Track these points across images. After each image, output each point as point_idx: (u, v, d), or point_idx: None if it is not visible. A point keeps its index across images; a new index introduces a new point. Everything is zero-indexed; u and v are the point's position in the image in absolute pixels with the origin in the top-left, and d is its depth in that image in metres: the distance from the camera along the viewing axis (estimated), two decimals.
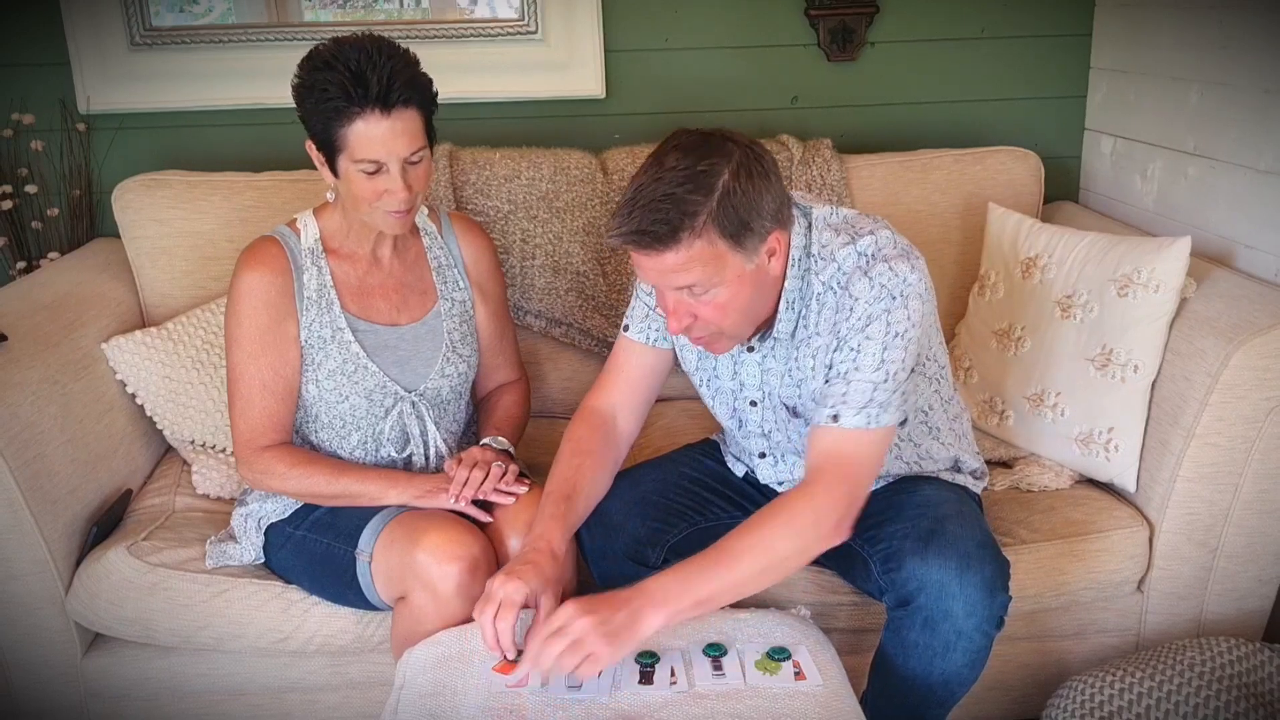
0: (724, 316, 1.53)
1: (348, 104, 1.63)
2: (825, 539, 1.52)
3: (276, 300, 1.78)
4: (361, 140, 1.64)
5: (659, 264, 1.48)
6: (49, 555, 1.84)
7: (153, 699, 1.94)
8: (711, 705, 1.44)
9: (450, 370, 1.88)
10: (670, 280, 1.50)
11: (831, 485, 1.53)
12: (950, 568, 1.54)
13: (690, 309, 1.53)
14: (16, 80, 2.48)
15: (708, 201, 1.44)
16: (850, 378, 1.55)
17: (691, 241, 1.45)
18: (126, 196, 2.28)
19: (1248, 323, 1.85)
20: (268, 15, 2.50)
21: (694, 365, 1.78)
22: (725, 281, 1.50)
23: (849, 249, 1.58)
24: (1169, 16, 2.32)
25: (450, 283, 1.93)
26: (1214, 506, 1.91)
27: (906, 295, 1.54)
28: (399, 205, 1.69)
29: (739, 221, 1.46)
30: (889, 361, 1.54)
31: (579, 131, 2.56)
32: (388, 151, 1.65)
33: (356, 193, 1.70)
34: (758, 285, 1.55)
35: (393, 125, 1.64)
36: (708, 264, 1.47)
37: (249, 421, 1.79)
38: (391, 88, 1.62)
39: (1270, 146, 2.05)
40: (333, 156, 1.69)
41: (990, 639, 1.59)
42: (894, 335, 1.54)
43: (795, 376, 1.66)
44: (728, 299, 1.52)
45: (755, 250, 1.50)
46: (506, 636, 1.49)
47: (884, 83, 2.63)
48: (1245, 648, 1.83)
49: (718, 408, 1.80)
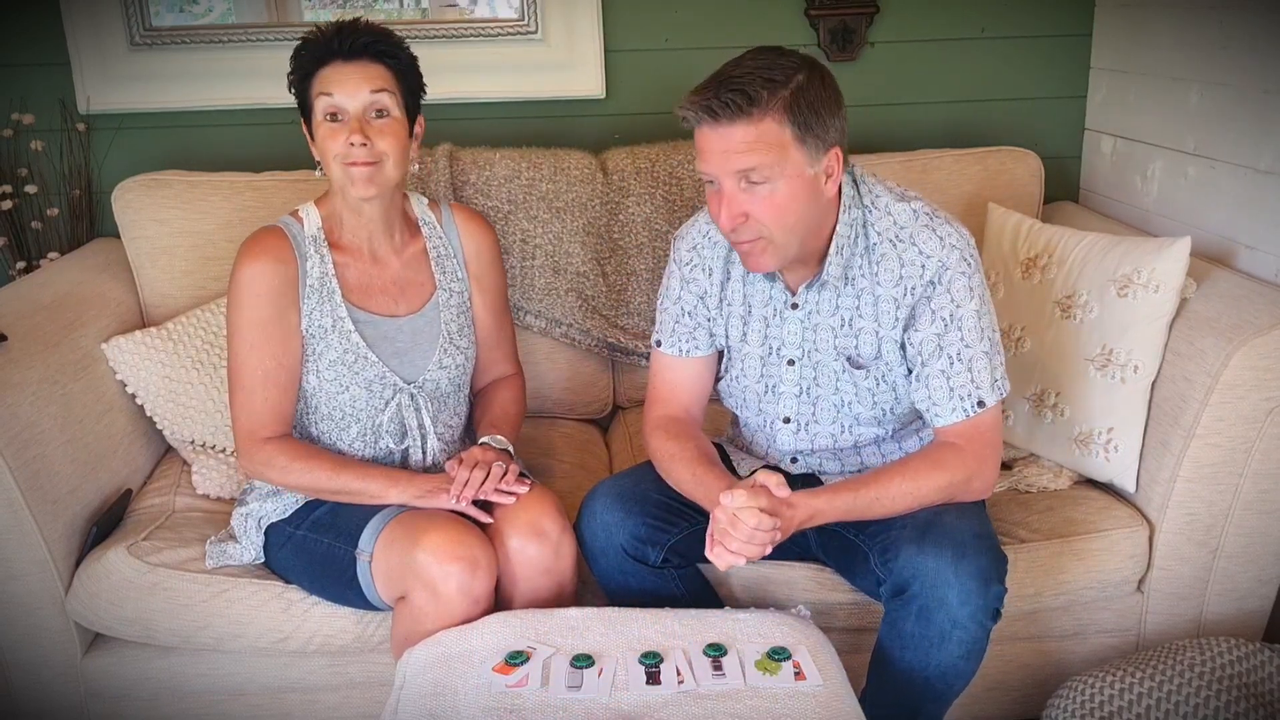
0: (777, 216, 1.56)
1: (319, 52, 1.74)
2: (976, 494, 1.69)
3: (280, 289, 1.78)
4: (323, 83, 1.74)
5: (726, 140, 1.52)
6: (49, 555, 1.84)
7: (153, 699, 1.94)
8: (711, 705, 1.44)
9: (448, 362, 1.88)
10: (733, 162, 1.53)
11: (985, 456, 1.67)
12: (945, 557, 1.56)
13: (744, 204, 1.56)
14: (16, 80, 2.48)
15: (783, 88, 1.52)
16: (965, 357, 1.64)
17: (763, 117, 1.51)
18: (126, 196, 2.28)
19: (1248, 323, 1.85)
20: (268, 15, 2.50)
21: (722, 333, 1.80)
22: (785, 175, 1.54)
23: (904, 206, 1.66)
24: (1169, 16, 2.32)
25: (449, 273, 1.93)
26: (1214, 506, 1.91)
27: (977, 262, 1.66)
28: (356, 155, 1.73)
29: (810, 115, 1.53)
30: (987, 329, 1.66)
31: (579, 131, 2.56)
32: (344, 92, 1.73)
33: (324, 148, 1.76)
34: (813, 196, 1.59)
35: (352, 71, 1.74)
36: (772, 149, 1.52)
37: (251, 412, 1.79)
38: (351, 39, 1.74)
39: (1270, 146, 2.05)
40: (308, 119, 1.77)
41: (986, 630, 1.60)
42: (980, 301, 1.65)
43: (855, 326, 1.69)
44: (785, 198, 1.55)
45: (818, 155, 1.56)
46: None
47: (884, 83, 2.63)
48: (1245, 648, 1.83)
49: (745, 376, 1.81)
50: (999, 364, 1.67)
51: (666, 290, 1.83)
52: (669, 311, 1.82)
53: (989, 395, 1.65)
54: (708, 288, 1.79)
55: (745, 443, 1.92)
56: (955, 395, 1.65)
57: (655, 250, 2.36)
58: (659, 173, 2.36)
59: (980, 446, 1.67)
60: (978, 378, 1.65)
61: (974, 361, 1.64)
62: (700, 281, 1.79)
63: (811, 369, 1.75)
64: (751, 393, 1.82)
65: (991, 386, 1.65)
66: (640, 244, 2.37)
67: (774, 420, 1.82)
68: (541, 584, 1.75)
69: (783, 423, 1.81)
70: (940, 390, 1.66)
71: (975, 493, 1.68)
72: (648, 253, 2.37)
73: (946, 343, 1.64)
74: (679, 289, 1.81)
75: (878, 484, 1.64)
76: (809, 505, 1.61)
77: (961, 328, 1.64)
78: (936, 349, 1.65)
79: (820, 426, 1.79)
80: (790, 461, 1.85)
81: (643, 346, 2.36)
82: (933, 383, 1.66)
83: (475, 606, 1.66)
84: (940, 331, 1.64)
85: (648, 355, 2.35)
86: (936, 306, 1.64)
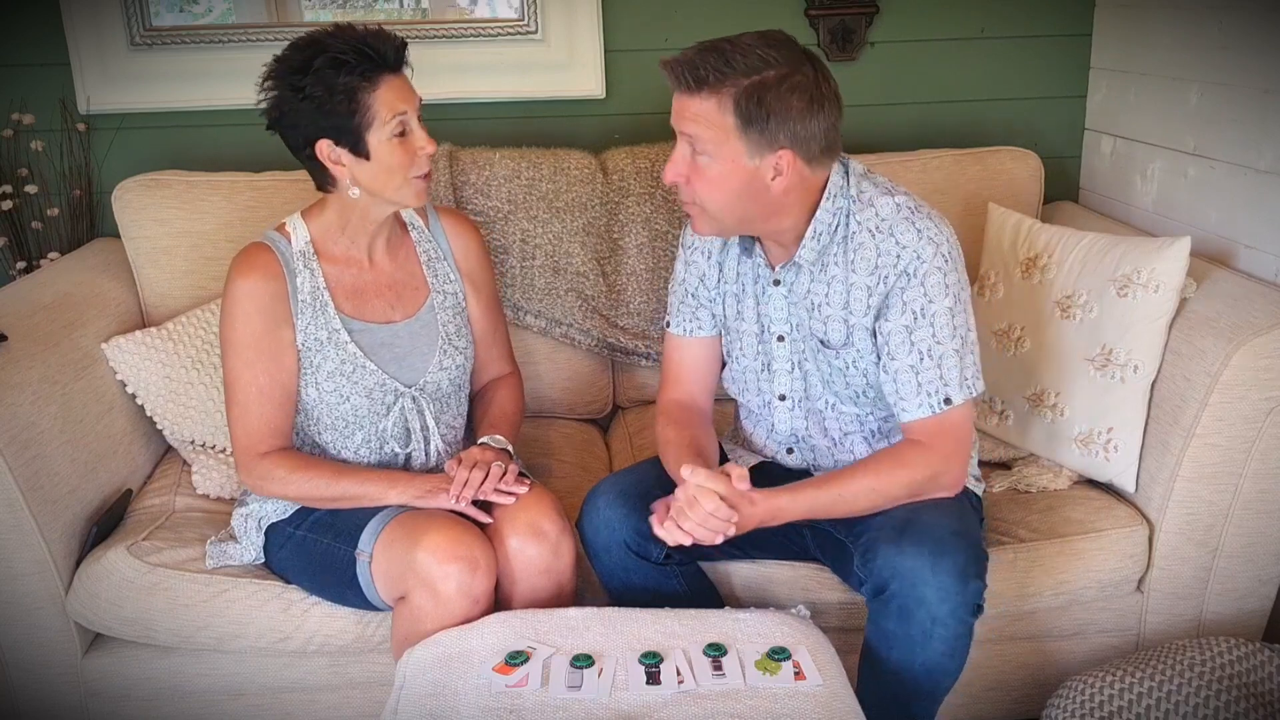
0: (708, 191, 1.62)
1: (372, 70, 1.69)
2: (944, 491, 1.69)
3: (271, 306, 1.78)
4: (389, 101, 1.71)
5: (681, 103, 1.59)
6: (49, 555, 1.84)
7: (153, 699, 1.94)
8: (711, 705, 1.44)
9: (448, 363, 1.88)
10: (683, 125, 1.60)
11: (950, 453, 1.67)
12: (923, 555, 1.56)
13: (687, 166, 1.62)
14: (16, 80, 2.48)
15: (742, 78, 1.55)
16: (935, 353, 1.64)
17: (709, 98, 1.56)
18: (126, 196, 2.28)
19: (1248, 323, 1.85)
20: (268, 15, 2.50)
21: (721, 313, 1.84)
22: (720, 158, 1.58)
23: (887, 199, 1.67)
24: (1169, 16, 2.32)
25: (441, 275, 1.93)
26: (1214, 506, 1.91)
27: (956, 260, 1.65)
28: (429, 164, 1.77)
29: (757, 113, 1.55)
30: (960, 327, 1.65)
31: (579, 131, 2.56)
32: (411, 105, 1.74)
33: (391, 164, 1.73)
34: (749, 187, 1.61)
35: (402, 83, 1.74)
36: (711, 128, 1.57)
37: (247, 428, 1.79)
38: (394, 50, 1.73)
39: (1270, 146, 2.05)
40: (359, 140, 1.71)
41: (968, 627, 1.60)
42: (955, 299, 1.64)
43: (824, 312, 1.71)
44: (717, 176, 1.60)
45: (760, 151, 1.58)
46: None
47: (884, 83, 2.63)
48: (1245, 648, 1.83)
49: (744, 356, 1.83)
50: (970, 363, 1.67)
51: (674, 273, 1.89)
52: (675, 293, 1.88)
53: (957, 393, 1.64)
54: (706, 270, 1.83)
55: (746, 436, 1.93)
56: (923, 391, 1.65)
57: (655, 250, 2.36)
58: (659, 173, 2.36)
59: (946, 443, 1.67)
60: (947, 375, 1.64)
61: (944, 359, 1.64)
62: (700, 264, 1.83)
63: (800, 344, 1.77)
64: (750, 372, 1.84)
65: (960, 384, 1.65)
66: (640, 244, 2.36)
67: (771, 399, 1.83)
68: (541, 584, 1.75)
69: (779, 400, 1.82)
70: (908, 385, 1.66)
71: (943, 489, 1.69)
72: (648, 253, 2.37)
73: (917, 337, 1.64)
74: (683, 271, 1.86)
75: (840, 482, 1.65)
76: (771, 503, 1.63)
77: (934, 323, 1.64)
78: (906, 342, 1.65)
79: (811, 403, 1.80)
80: (786, 453, 1.86)
81: (642, 346, 2.36)
82: (900, 377, 1.66)
83: (475, 606, 1.66)
84: (910, 324, 1.64)
85: (647, 355, 2.36)
86: (908, 299, 1.64)
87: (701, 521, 1.57)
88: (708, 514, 1.56)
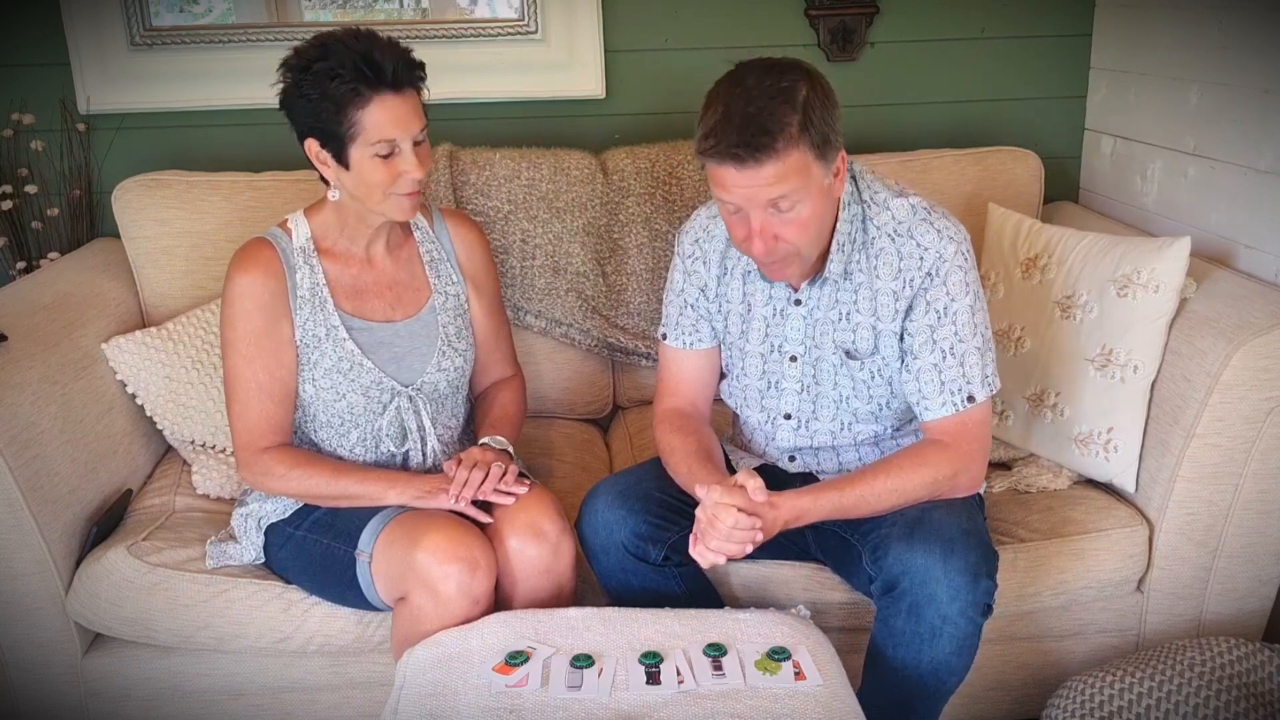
0: (805, 232, 1.59)
1: (365, 86, 1.66)
2: (964, 490, 1.69)
3: (270, 303, 1.78)
4: (378, 122, 1.67)
5: (754, 178, 1.52)
6: (49, 555, 1.84)
7: (153, 699, 1.94)
8: (711, 705, 1.44)
9: (446, 364, 1.88)
10: (763, 195, 1.54)
11: (971, 453, 1.68)
12: (934, 553, 1.57)
13: (775, 228, 1.58)
14: (16, 80, 2.48)
15: (796, 114, 1.52)
16: (958, 351, 1.64)
17: (788, 151, 1.51)
18: (126, 196, 2.28)
19: (1248, 323, 1.85)
20: (268, 15, 2.50)
21: (722, 328, 1.83)
22: (810, 195, 1.56)
23: (902, 201, 1.68)
24: (1169, 16, 2.32)
25: (444, 276, 1.93)
26: (1214, 506, 1.91)
27: (972, 257, 1.66)
28: (414, 185, 1.73)
29: (822, 133, 1.54)
30: (980, 325, 1.66)
31: (579, 131, 2.56)
32: (403, 130, 1.69)
33: (371, 181, 1.71)
34: (829, 203, 1.62)
35: (403, 104, 1.69)
36: (799, 174, 1.53)
37: (247, 424, 1.79)
38: (398, 69, 1.68)
39: (1270, 146, 2.05)
40: (342, 149, 1.70)
41: (977, 626, 1.60)
42: (975, 297, 1.66)
43: (853, 320, 1.71)
44: (809, 214, 1.58)
45: (830, 164, 1.58)
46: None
47: (884, 83, 2.63)
48: (1245, 648, 1.83)
49: (746, 375, 1.82)
50: (990, 360, 1.68)
51: (671, 283, 1.86)
52: (674, 304, 1.85)
53: (979, 390, 1.66)
54: (707, 280, 1.81)
55: (745, 440, 1.92)
56: (946, 389, 1.66)
57: (655, 250, 2.36)
58: (659, 173, 2.36)
59: (967, 443, 1.67)
60: (969, 372, 1.65)
61: (966, 356, 1.65)
62: (700, 274, 1.82)
63: (812, 365, 1.76)
64: (753, 390, 1.83)
65: (982, 382, 1.66)
66: (640, 244, 2.36)
67: (776, 417, 1.82)
68: (541, 584, 1.75)
69: (784, 419, 1.82)
70: (931, 383, 1.66)
71: (962, 489, 1.69)
72: (647, 253, 2.37)
73: (940, 336, 1.65)
74: (682, 281, 1.83)
75: (863, 482, 1.65)
76: (794, 505, 1.62)
77: (956, 321, 1.65)
78: (929, 341, 1.66)
79: (820, 424, 1.79)
80: (788, 460, 1.86)
81: (642, 346, 2.36)
82: (923, 375, 1.67)
83: (475, 607, 1.66)
84: (933, 324, 1.65)
85: (647, 355, 2.36)
86: (931, 298, 1.65)
87: (725, 537, 1.57)
88: (730, 529, 1.56)
